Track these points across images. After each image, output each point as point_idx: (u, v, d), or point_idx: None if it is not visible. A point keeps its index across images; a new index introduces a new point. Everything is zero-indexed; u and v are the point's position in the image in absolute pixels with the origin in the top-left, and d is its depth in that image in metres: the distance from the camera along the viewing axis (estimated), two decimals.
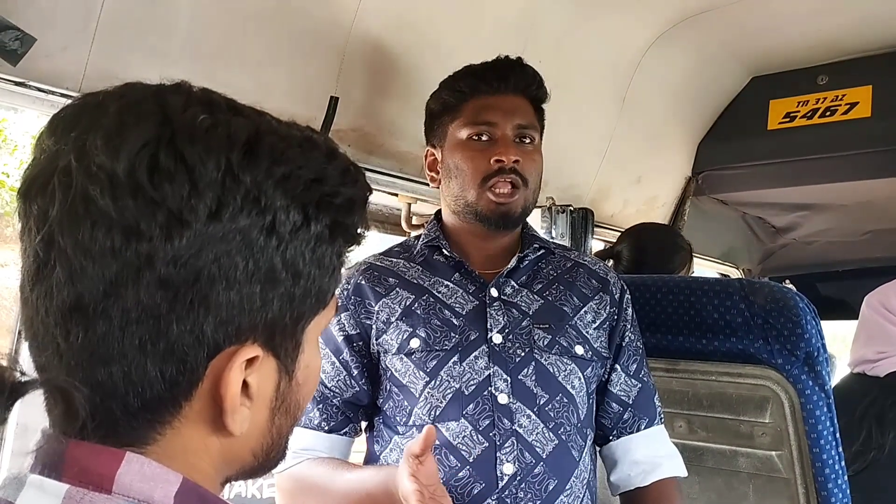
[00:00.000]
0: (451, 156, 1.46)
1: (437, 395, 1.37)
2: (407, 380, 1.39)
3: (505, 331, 1.40)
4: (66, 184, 0.53)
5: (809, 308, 1.67)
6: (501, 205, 1.41)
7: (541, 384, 1.38)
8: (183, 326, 0.54)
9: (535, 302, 1.44)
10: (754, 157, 2.74)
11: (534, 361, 1.39)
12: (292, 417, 0.65)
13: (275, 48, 1.62)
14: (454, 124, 1.47)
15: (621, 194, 2.70)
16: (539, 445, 1.35)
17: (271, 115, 0.62)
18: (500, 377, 1.37)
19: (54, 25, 1.27)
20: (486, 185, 1.41)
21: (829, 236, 3.49)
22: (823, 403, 1.65)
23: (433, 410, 1.37)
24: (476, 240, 1.48)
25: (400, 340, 1.41)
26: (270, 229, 0.56)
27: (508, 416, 1.35)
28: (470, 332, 1.40)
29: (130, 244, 0.52)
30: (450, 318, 1.41)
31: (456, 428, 1.35)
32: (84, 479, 0.54)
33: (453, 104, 1.48)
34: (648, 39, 2.37)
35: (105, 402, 0.55)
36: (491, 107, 1.45)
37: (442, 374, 1.37)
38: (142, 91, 0.58)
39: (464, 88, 1.47)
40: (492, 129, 1.44)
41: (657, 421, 1.52)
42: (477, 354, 1.38)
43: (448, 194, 1.48)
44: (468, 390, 1.36)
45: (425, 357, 1.39)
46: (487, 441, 1.34)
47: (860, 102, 2.48)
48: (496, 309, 1.42)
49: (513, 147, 1.42)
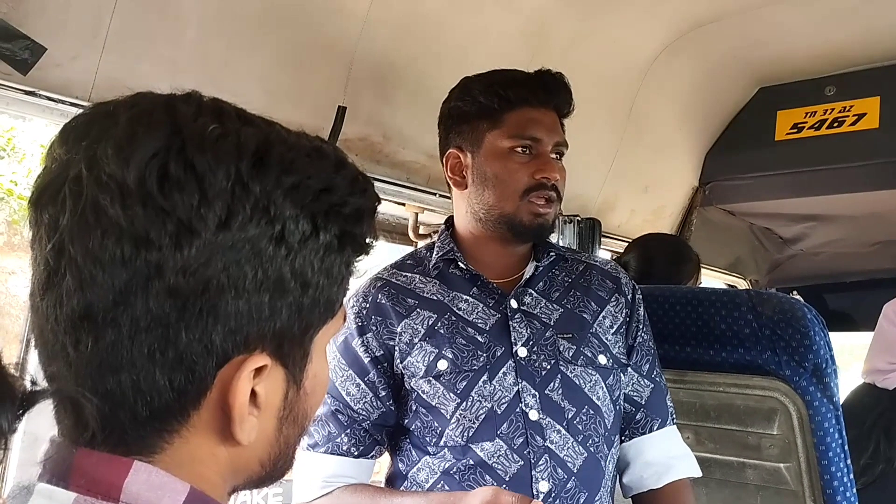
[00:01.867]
0: (490, 164, 1.42)
1: (469, 415, 1.35)
2: (437, 402, 1.37)
3: (529, 343, 1.38)
4: (76, 193, 0.53)
5: (818, 319, 1.67)
6: (540, 216, 1.41)
7: (567, 397, 1.37)
8: (192, 335, 0.54)
9: (556, 311, 1.43)
10: (762, 167, 2.74)
11: (559, 374, 1.38)
12: (300, 427, 0.65)
13: (283, 57, 1.62)
14: (495, 132, 1.42)
15: (628, 204, 2.70)
16: (570, 460, 1.35)
17: (281, 125, 0.62)
18: (528, 392, 1.35)
19: (64, 35, 1.28)
20: (525, 197, 1.40)
21: (837, 247, 3.48)
22: (832, 415, 1.64)
23: (466, 432, 1.35)
24: (495, 249, 1.46)
25: (427, 363, 1.37)
26: (279, 239, 0.56)
27: (540, 432, 1.34)
28: (496, 348, 1.38)
29: (140, 253, 0.52)
30: (474, 335, 1.39)
31: (491, 448, 1.34)
32: (92, 487, 0.54)
33: (495, 111, 1.42)
34: (656, 49, 2.37)
35: (113, 410, 0.55)
36: (537, 122, 1.42)
37: (473, 394, 1.35)
38: (152, 101, 0.58)
39: (510, 97, 1.42)
40: (536, 145, 1.41)
41: (669, 421, 1.50)
42: (505, 370, 1.36)
43: (478, 201, 1.43)
44: (500, 409, 1.35)
45: (455, 378, 1.36)
46: (522, 459, 1.33)
47: (868, 113, 2.47)
48: (518, 321, 1.40)
49: (554, 165, 1.42)
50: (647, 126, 2.56)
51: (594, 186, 2.52)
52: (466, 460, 1.34)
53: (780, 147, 2.66)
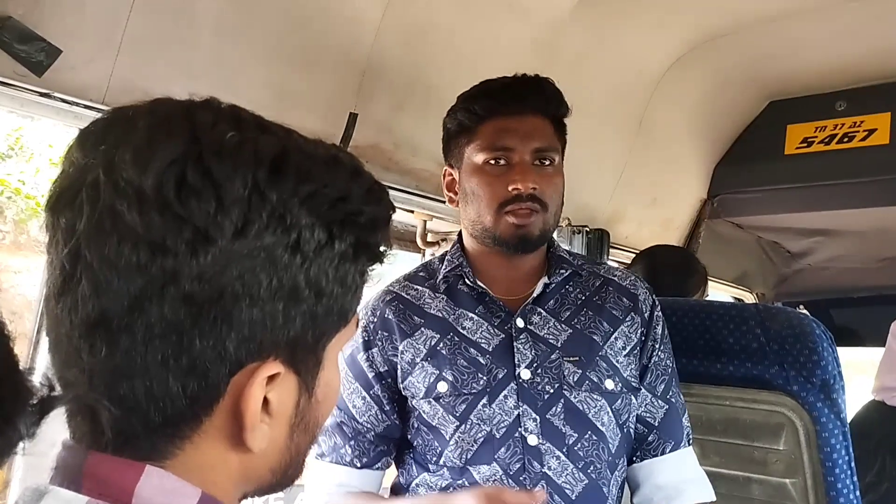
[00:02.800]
0: (468, 180, 1.40)
1: (468, 438, 1.34)
2: (437, 422, 1.36)
3: (533, 365, 1.35)
4: (93, 198, 0.53)
5: (826, 335, 1.66)
6: (520, 227, 1.35)
7: (570, 423, 1.33)
8: (205, 342, 0.54)
9: (564, 332, 1.38)
10: (770, 181, 2.73)
11: (562, 399, 1.34)
12: (311, 435, 0.65)
13: (295, 64, 1.63)
14: (470, 147, 1.39)
15: (636, 216, 2.69)
16: (568, 487, 1.32)
17: (298, 132, 0.62)
18: (529, 417, 1.33)
19: (80, 38, 1.29)
20: (502, 210, 1.35)
21: (845, 262, 3.47)
22: (839, 431, 1.63)
23: (464, 454, 1.34)
24: (499, 264, 1.42)
25: (427, 384, 1.37)
26: (295, 247, 0.56)
27: (538, 458, 1.32)
28: (498, 371, 1.35)
29: (156, 259, 0.53)
30: (476, 356, 1.36)
31: (487, 472, 1.33)
32: (103, 491, 0.54)
33: (468, 126, 1.40)
34: (666, 62, 2.37)
35: (126, 416, 0.55)
36: (508, 130, 1.37)
37: (472, 417, 1.34)
38: (171, 107, 0.58)
39: (479, 111, 1.39)
40: (509, 154, 1.36)
41: (684, 444, 1.44)
42: (506, 393, 1.34)
43: (465, 218, 1.42)
44: (499, 433, 1.33)
45: (454, 401, 1.35)
46: (518, 485, 1.31)
47: (878, 129, 2.47)
48: (523, 342, 1.37)
49: (530, 173, 1.35)
50: (657, 138, 2.56)
51: (603, 197, 2.52)
52: (463, 481, 1.34)
53: (789, 161, 2.66)
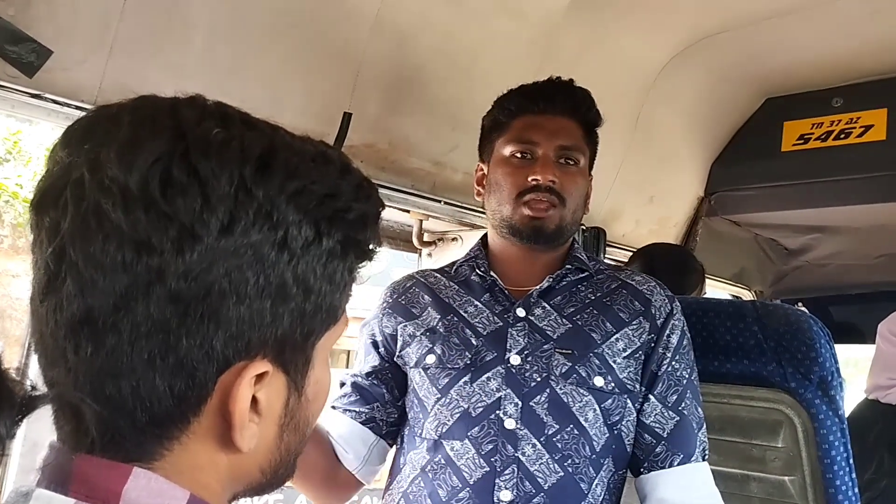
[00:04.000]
0: (494, 171, 1.47)
1: (445, 412, 1.37)
2: (423, 394, 1.41)
3: (524, 353, 1.37)
4: (78, 196, 0.53)
5: (824, 332, 1.66)
6: (535, 219, 1.40)
7: (552, 413, 1.34)
8: (192, 341, 0.54)
9: (563, 326, 1.40)
10: (768, 178, 2.73)
11: (548, 389, 1.35)
12: (301, 434, 0.64)
13: (290, 63, 1.62)
14: (500, 141, 1.48)
15: (633, 214, 2.69)
16: (541, 476, 1.32)
17: (285, 129, 0.62)
18: (510, 401, 1.34)
19: (71, 39, 1.28)
20: (521, 200, 1.41)
21: (843, 259, 3.46)
22: (837, 428, 1.63)
23: (440, 427, 1.37)
24: (516, 257, 1.47)
25: (419, 355, 1.43)
26: (282, 244, 0.56)
27: (513, 442, 1.33)
28: (486, 353, 1.38)
29: (142, 258, 0.52)
30: (469, 337, 1.41)
31: (460, 448, 1.35)
32: (91, 494, 0.53)
33: (502, 122, 1.49)
34: (663, 60, 2.37)
35: (113, 416, 0.54)
36: (535, 126, 1.45)
37: (452, 392, 1.37)
38: (156, 104, 0.58)
39: (511, 107, 1.48)
40: (533, 148, 1.44)
41: (696, 458, 1.39)
42: (490, 375, 1.36)
43: (489, 208, 1.49)
44: (475, 412, 1.35)
45: (438, 374, 1.40)
46: (488, 465, 1.32)
47: (875, 125, 2.47)
48: (518, 330, 1.40)
49: (551, 167, 1.41)
50: (654, 136, 2.56)
51: (600, 195, 2.52)
52: (438, 457, 1.36)
53: (786, 158, 2.65)
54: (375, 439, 1.47)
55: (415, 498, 1.38)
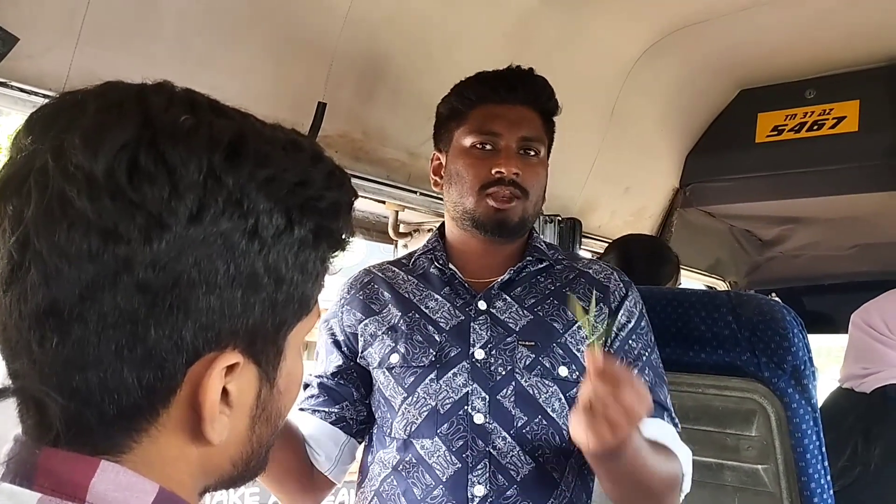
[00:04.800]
0: (454, 162, 1.45)
1: (413, 411, 1.36)
2: (389, 394, 1.40)
3: (488, 346, 1.37)
4: (42, 184, 0.52)
5: (797, 321, 1.67)
6: (499, 211, 1.39)
7: (519, 406, 1.34)
8: (161, 332, 0.53)
9: (525, 318, 1.40)
10: (742, 169, 2.75)
11: (514, 381, 1.35)
12: (273, 426, 0.64)
13: (263, 53, 1.61)
14: (459, 131, 1.45)
15: (609, 205, 2.70)
16: (513, 468, 1.32)
17: (256, 117, 0.61)
18: (478, 396, 1.34)
19: (38, 26, 1.26)
20: (484, 192, 1.39)
21: (816, 250, 3.50)
22: (810, 417, 1.65)
23: (409, 426, 1.36)
24: (476, 249, 1.46)
25: (382, 355, 1.41)
26: (253, 233, 0.55)
27: (483, 437, 1.33)
28: (451, 349, 1.38)
29: (108, 247, 0.51)
30: (432, 333, 1.40)
31: (430, 446, 1.34)
32: (57, 488, 0.52)
33: (460, 110, 1.46)
34: (638, 51, 2.37)
35: (79, 409, 0.53)
36: (497, 116, 1.43)
37: (419, 391, 1.36)
38: (123, 90, 0.56)
39: (471, 96, 1.45)
40: (495, 139, 1.42)
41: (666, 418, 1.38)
42: (456, 371, 1.36)
43: (448, 199, 1.47)
44: (443, 409, 1.35)
45: (403, 373, 1.38)
46: (460, 462, 1.32)
47: (848, 117, 2.49)
48: (481, 323, 1.39)
49: (514, 159, 1.40)
50: (629, 127, 2.56)
51: (575, 187, 2.52)
52: (409, 457, 1.35)
53: (760, 149, 2.67)
54: (346, 438, 1.45)
55: (388, 496, 1.37)
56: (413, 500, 1.34)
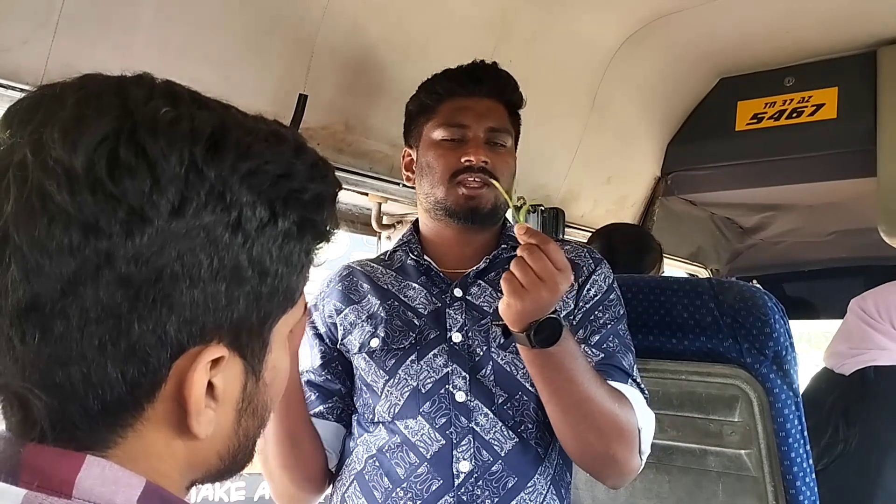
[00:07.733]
0: (425, 155, 1.49)
1: (395, 392, 1.39)
2: (370, 378, 1.42)
3: (464, 329, 1.41)
4: (21, 178, 0.51)
5: (778, 307, 1.68)
6: (471, 198, 1.42)
7: (499, 383, 1.38)
8: (145, 326, 0.53)
9: (498, 300, 1.39)
10: (722, 157, 2.76)
11: (491, 360, 1.39)
12: (259, 419, 0.63)
13: (243, 45, 1.59)
14: (429, 125, 1.50)
15: (591, 194, 2.70)
16: (497, 444, 1.35)
17: (237, 109, 0.60)
18: (458, 375, 1.37)
19: (13, 18, 1.24)
20: (454, 180, 1.43)
21: (796, 237, 3.53)
22: (792, 402, 1.66)
23: (392, 408, 1.39)
24: (450, 240, 1.50)
25: (361, 340, 1.44)
26: (236, 226, 0.55)
27: (466, 414, 1.36)
28: (429, 332, 1.41)
29: (89, 241, 0.51)
30: (411, 318, 1.44)
31: (414, 426, 1.36)
32: (43, 483, 0.52)
33: (429, 105, 1.51)
34: (618, 40, 2.38)
35: (63, 405, 0.53)
36: (464, 109, 1.47)
37: (400, 372, 1.39)
38: (102, 83, 0.56)
39: (439, 90, 1.50)
40: (464, 131, 1.46)
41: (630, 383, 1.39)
42: (436, 352, 1.39)
43: (420, 192, 1.51)
44: (425, 388, 1.37)
45: (384, 356, 1.41)
46: (444, 439, 1.35)
47: (826, 104, 2.50)
48: (456, 309, 1.43)
49: (483, 148, 1.43)
50: (610, 117, 2.57)
51: (558, 176, 2.53)
52: (394, 438, 1.37)
53: (740, 137, 2.68)
54: (344, 431, 1.48)
55: (370, 478, 1.38)
56: (397, 480, 1.35)
